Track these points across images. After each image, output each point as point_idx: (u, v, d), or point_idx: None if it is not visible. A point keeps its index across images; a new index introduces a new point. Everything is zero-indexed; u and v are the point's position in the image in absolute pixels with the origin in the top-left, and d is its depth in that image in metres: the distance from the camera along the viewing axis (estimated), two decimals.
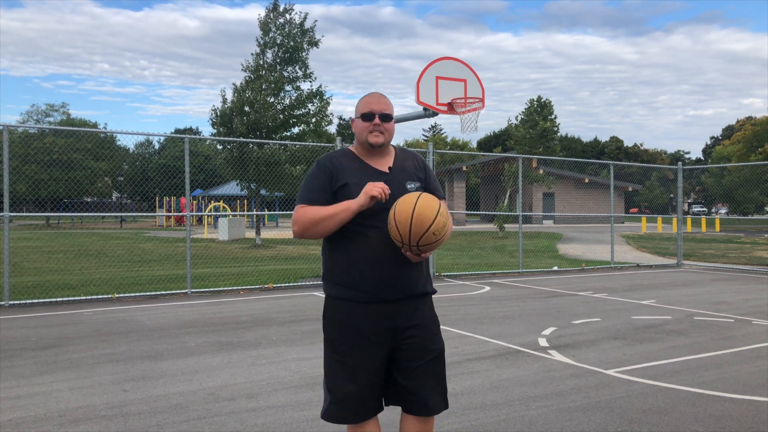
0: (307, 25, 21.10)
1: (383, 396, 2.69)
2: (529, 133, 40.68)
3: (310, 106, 21.41)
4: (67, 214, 11.14)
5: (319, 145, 14.86)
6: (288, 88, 21.23)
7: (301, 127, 21.48)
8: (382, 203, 2.54)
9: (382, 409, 2.69)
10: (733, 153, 46.74)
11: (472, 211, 41.89)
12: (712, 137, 79.00)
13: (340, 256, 2.63)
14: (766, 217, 17.48)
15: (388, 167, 2.70)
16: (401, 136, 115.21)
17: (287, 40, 20.90)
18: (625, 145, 75.97)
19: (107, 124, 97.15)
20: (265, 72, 20.80)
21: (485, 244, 22.61)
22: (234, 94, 20.88)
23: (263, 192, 21.99)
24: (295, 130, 21.58)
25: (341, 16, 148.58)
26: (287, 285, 11.15)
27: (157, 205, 40.78)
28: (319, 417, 2.83)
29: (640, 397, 4.62)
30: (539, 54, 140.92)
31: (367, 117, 2.66)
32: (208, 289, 10.40)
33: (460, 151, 38.54)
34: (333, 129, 45.84)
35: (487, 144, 73.21)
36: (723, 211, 61.95)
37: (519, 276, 12.93)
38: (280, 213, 16.79)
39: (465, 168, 43.73)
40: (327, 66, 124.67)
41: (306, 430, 3.97)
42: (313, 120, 21.47)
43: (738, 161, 41.52)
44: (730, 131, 67.73)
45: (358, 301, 2.59)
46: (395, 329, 2.61)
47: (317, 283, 11.34)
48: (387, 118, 2.67)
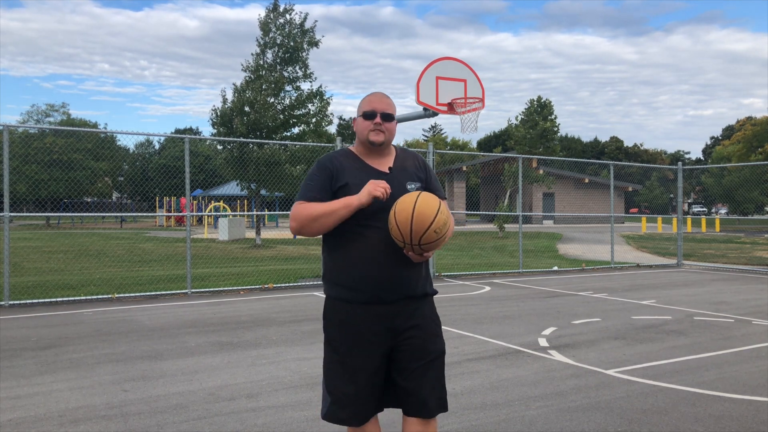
0: (307, 25, 21.16)
1: (382, 399, 2.68)
2: (529, 133, 40.68)
3: (310, 106, 21.43)
4: (67, 214, 11.15)
5: (319, 145, 14.86)
6: (288, 88, 21.25)
7: (301, 128, 21.49)
8: (382, 203, 2.53)
9: (382, 410, 2.68)
10: (733, 153, 46.73)
11: (472, 211, 41.86)
12: (712, 137, 79.02)
13: (340, 256, 2.62)
14: (766, 217, 17.49)
15: (389, 167, 2.70)
16: (401, 136, 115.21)
17: (287, 41, 20.91)
18: (625, 145, 75.99)
19: (107, 124, 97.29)
20: (265, 72, 20.81)
21: (485, 244, 22.61)
22: (234, 94, 20.90)
23: (263, 192, 21.99)
24: (295, 130, 21.60)
25: (341, 16, 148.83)
26: (287, 285, 11.15)
27: (157, 205, 40.80)
28: (320, 417, 2.83)
29: (640, 397, 4.62)
30: (539, 54, 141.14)
31: (369, 116, 2.66)
32: (208, 289, 10.40)
33: (460, 151, 38.52)
34: (333, 129, 45.85)
35: (487, 144, 73.21)
36: (723, 211, 61.95)
37: (519, 276, 12.93)
38: (280, 213, 16.82)
39: (465, 168, 43.75)
40: (327, 66, 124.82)
41: (306, 430, 3.97)
42: (313, 120, 21.48)
43: (738, 161, 41.50)
44: (730, 131, 67.72)
45: (358, 301, 2.59)
46: (394, 330, 2.60)
47: (317, 283, 11.34)
48: (388, 117, 2.67)
